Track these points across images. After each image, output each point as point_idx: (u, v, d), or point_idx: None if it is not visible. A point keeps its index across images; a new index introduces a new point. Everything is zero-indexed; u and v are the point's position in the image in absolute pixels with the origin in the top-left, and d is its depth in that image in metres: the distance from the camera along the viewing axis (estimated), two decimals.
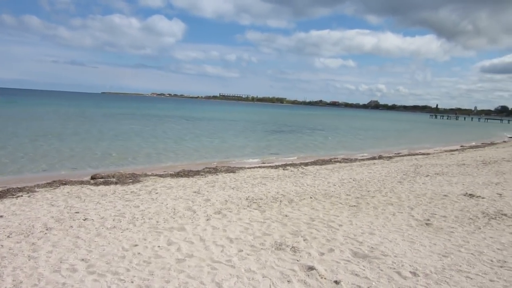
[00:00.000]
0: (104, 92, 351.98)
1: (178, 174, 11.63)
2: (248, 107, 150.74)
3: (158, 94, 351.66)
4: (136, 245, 5.37)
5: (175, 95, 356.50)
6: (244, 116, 70.28)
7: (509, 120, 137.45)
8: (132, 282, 4.29)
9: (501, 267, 4.97)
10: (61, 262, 4.75)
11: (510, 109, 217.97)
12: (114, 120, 38.23)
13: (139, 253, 5.10)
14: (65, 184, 9.69)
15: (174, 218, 6.76)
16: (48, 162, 13.90)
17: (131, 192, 8.87)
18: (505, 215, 7.54)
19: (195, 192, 9.00)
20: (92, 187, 9.33)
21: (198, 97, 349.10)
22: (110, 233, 5.87)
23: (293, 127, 44.12)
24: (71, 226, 6.16)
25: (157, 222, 6.51)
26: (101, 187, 9.42)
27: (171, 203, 7.83)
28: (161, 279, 4.37)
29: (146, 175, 11.46)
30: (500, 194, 9.50)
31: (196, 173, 12.02)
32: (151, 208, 7.39)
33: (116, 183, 9.97)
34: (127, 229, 6.09)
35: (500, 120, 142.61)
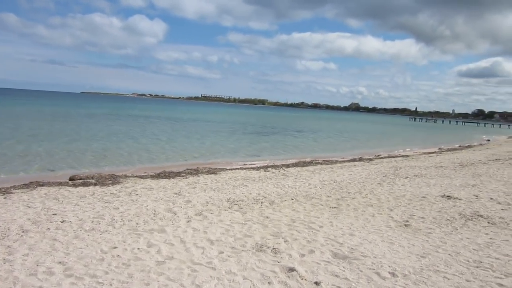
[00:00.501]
0: (83, 92, 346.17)
1: (158, 175, 11.52)
2: (230, 109, 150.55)
3: (139, 95, 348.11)
4: (115, 248, 5.30)
5: (156, 95, 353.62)
6: (226, 117, 70.13)
7: (485, 124, 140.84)
8: (111, 285, 4.22)
9: (477, 267, 5.07)
10: (37, 265, 4.65)
11: (486, 112, 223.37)
12: (96, 120, 37.66)
13: (118, 255, 5.03)
14: (42, 185, 9.49)
15: (154, 219, 6.69)
16: (25, 163, 13.59)
17: (111, 193, 8.75)
18: (481, 216, 7.72)
19: (175, 193, 8.93)
20: (71, 189, 9.16)
21: (180, 98, 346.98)
22: (88, 235, 5.77)
23: (275, 129, 44.25)
24: (48, 228, 6.03)
25: (137, 224, 6.43)
26: (80, 188, 9.26)
27: (151, 204, 7.75)
28: (140, 281, 4.32)
29: (126, 176, 11.32)
30: (477, 196, 9.71)
31: (177, 174, 11.93)
32: (131, 209, 7.30)
33: (95, 184, 9.82)
34: (106, 231, 6.00)
35: (477, 123, 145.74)
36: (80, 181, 10.28)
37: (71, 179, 10.71)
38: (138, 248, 5.30)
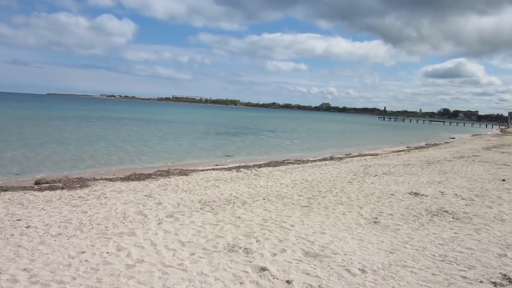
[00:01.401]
0: (49, 94, 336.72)
1: (128, 178, 11.32)
2: (202, 109, 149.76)
3: (108, 96, 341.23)
4: (83, 252, 5.17)
5: (126, 96, 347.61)
6: (198, 118, 69.70)
7: (450, 122, 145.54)
8: None
9: (442, 261, 5.23)
10: (0, 272, 4.48)
11: (451, 111, 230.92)
12: (66, 122, 36.66)
13: (86, 260, 4.91)
14: (6, 190, 9.14)
15: (124, 223, 6.57)
16: None
17: (79, 197, 8.53)
18: (446, 212, 7.97)
19: (146, 195, 8.80)
20: (36, 193, 8.88)
21: (150, 98, 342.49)
22: (55, 240, 5.61)
23: (247, 129, 44.30)
24: (12, 235, 5.83)
25: (106, 227, 6.30)
26: (46, 192, 8.99)
27: (121, 207, 7.61)
28: (109, 286, 4.23)
29: (95, 179, 11.07)
30: (442, 192, 10.01)
31: (148, 176, 11.76)
32: (99, 213, 7.14)
33: (62, 188, 9.56)
34: (73, 235, 5.85)
35: (443, 122, 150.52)
36: (47, 185, 9.99)
37: (36, 183, 10.39)
38: (107, 252, 5.19)
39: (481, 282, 4.59)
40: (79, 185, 9.95)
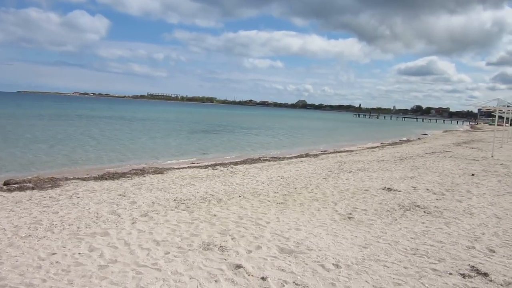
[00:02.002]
0: (20, 91, 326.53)
1: (102, 177, 11.12)
2: (178, 107, 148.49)
3: (82, 93, 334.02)
4: (54, 254, 5.04)
5: (100, 94, 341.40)
6: (174, 116, 69.07)
7: (423, 119, 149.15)
8: None
9: (414, 254, 5.35)
10: None
11: (424, 108, 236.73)
12: (36, 121, 35.67)
13: (57, 262, 4.79)
14: None
15: (96, 223, 6.45)
16: None
17: (50, 197, 8.32)
18: (418, 206, 8.15)
19: (120, 195, 8.66)
20: (5, 194, 8.61)
21: (125, 96, 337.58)
22: (24, 242, 5.45)
23: (224, 127, 44.18)
24: None
25: (78, 228, 6.16)
26: (16, 193, 8.73)
27: (94, 207, 7.46)
28: (81, 287, 4.15)
29: (67, 179, 10.82)
30: (414, 187, 10.24)
31: (122, 175, 11.58)
32: (71, 213, 6.99)
33: (32, 188, 9.30)
34: (44, 237, 5.70)
35: (416, 118, 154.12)
36: (16, 185, 9.70)
37: (5, 183, 10.07)
38: (79, 253, 5.08)
39: (450, 274, 4.72)
40: (50, 185, 9.71)
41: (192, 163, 15.64)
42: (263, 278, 4.45)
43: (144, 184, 10.04)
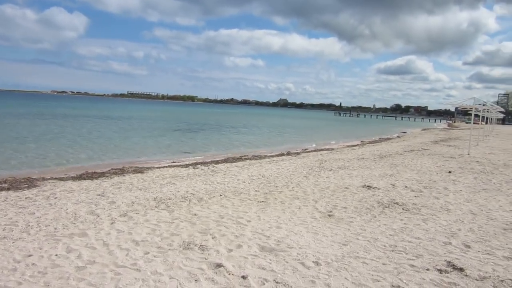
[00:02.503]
0: None
1: (80, 177, 10.93)
2: (159, 106, 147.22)
3: (60, 92, 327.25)
4: (30, 255, 4.94)
5: (79, 92, 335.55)
6: (155, 114, 68.44)
7: (402, 117, 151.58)
8: None
9: (392, 251, 5.43)
10: None
11: (403, 107, 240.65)
12: (11, 120, 34.80)
13: (33, 263, 4.69)
14: None
15: (74, 223, 6.34)
16: None
17: (26, 198, 8.14)
18: (397, 203, 8.27)
19: (99, 195, 8.54)
20: None
21: (105, 95, 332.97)
22: None
23: (205, 126, 43.98)
24: None
25: (55, 228, 6.05)
26: None
27: (72, 207, 7.33)
28: None
29: (44, 179, 10.60)
30: (393, 185, 10.39)
31: (101, 174, 11.41)
32: (48, 214, 6.85)
33: (8, 189, 9.08)
34: (19, 238, 5.57)
35: (395, 117, 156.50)
36: None
37: None
38: (56, 255, 4.99)
39: (427, 269, 4.81)
40: (26, 185, 9.49)
41: (173, 162, 15.52)
42: (243, 277, 4.45)
43: (123, 184, 9.92)
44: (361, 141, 30.65)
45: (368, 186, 10.13)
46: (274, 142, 28.86)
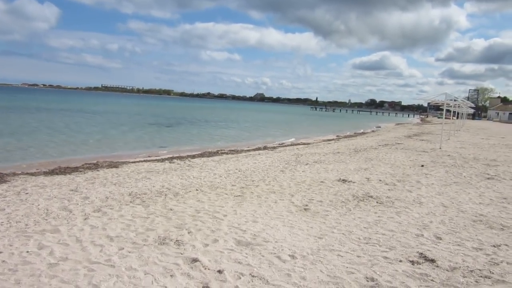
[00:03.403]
0: None
1: (53, 172, 10.68)
2: (135, 99, 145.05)
3: (31, 85, 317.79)
4: (0, 253, 4.80)
5: (51, 85, 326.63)
6: (130, 108, 67.42)
7: (377, 112, 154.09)
8: None
9: (366, 243, 5.53)
10: None
11: (377, 102, 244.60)
12: None
13: (3, 261, 4.56)
14: None
15: (46, 219, 6.19)
16: None
17: None
18: (371, 197, 8.42)
19: (72, 190, 8.36)
20: None
21: (78, 88, 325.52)
22: None
23: (181, 120, 43.60)
24: None
25: (26, 225, 5.89)
26: None
27: (44, 203, 7.15)
28: (29, 287, 3.97)
29: (15, 174, 10.31)
30: (368, 178, 10.56)
31: (74, 169, 11.17)
32: (19, 210, 6.66)
33: None
34: None
35: (370, 112, 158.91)
36: None
37: None
38: (27, 251, 4.86)
39: (400, 261, 4.91)
40: None
41: (149, 157, 15.33)
42: (219, 271, 4.45)
43: (97, 179, 9.74)
44: (337, 136, 31.01)
45: (343, 180, 10.26)
46: (251, 136, 28.86)
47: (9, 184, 8.90)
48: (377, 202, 7.98)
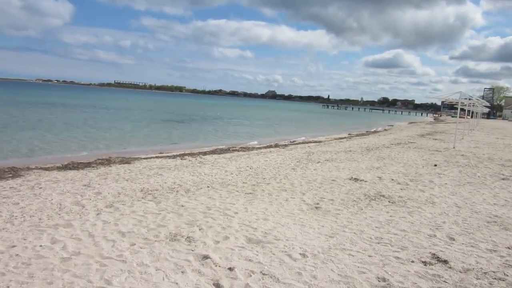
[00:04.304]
0: None
1: (66, 167, 10.80)
2: (146, 96, 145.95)
3: (45, 80, 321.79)
4: (14, 246, 4.86)
5: (65, 81, 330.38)
6: (142, 104, 67.88)
7: (389, 110, 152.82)
8: (8, 287, 3.88)
9: (378, 243, 5.48)
10: None
11: (390, 100, 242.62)
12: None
13: (17, 254, 4.63)
14: None
15: (59, 214, 6.26)
16: None
17: (10, 188, 8.01)
18: (383, 196, 8.35)
19: (85, 185, 8.44)
20: None
21: (91, 84, 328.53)
22: None
23: (193, 117, 43.75)
24: None
25: (40, 219, 5.97)
26: None
27: (57, 198, 7.24)
28: (42, 281, 4.02)
29: (29, 168, 10.44)
30: (380, 177, 10.47)
31: (87, 165, 11.28)
32: (33, 204, 6.75)
33: None
34: (3, 229, 5.48)
35: (382, 110, 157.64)
36: None
37: None
38: (41, 245, 4.92)
39: (412, 261, 4.86)
40: (11, 175, 9.34)
41: (160, 153, 15.41)
42: (230, 269, 4.45)
43: (110, 174, 9.83)
44: (349, 134, 30.82)
45: (355, 178, 10.19)
46: (263, 134, 28.84)
47: (23, 178, 9.02)
48: (389, 201, 7.92)
